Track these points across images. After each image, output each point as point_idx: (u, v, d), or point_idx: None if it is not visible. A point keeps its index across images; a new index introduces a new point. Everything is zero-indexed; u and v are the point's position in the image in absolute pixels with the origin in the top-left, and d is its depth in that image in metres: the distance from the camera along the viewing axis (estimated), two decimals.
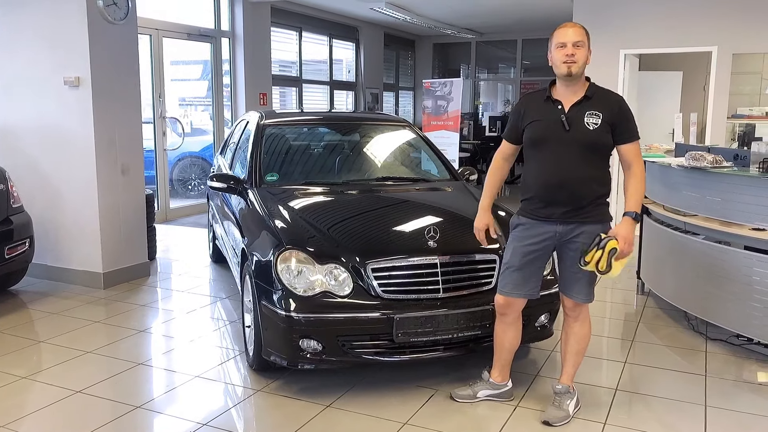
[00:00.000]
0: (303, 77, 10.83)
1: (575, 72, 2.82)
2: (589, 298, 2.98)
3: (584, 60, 2.83)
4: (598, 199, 2.86)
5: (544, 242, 2.94)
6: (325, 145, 4.82)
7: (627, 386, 3.41)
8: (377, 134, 4.94)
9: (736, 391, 3.39)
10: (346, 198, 3.98)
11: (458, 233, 3.54)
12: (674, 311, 4.57)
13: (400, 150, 4.90)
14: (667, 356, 3.86)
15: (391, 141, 4.91)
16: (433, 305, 3.18)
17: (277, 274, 3.18)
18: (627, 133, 2.83)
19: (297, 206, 3.76)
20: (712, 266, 3.95)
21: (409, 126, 4.95)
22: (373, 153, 4.76)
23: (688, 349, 3.95)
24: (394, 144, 4.90)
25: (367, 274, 3.17)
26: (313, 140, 4.85)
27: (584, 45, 2.82)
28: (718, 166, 3.82)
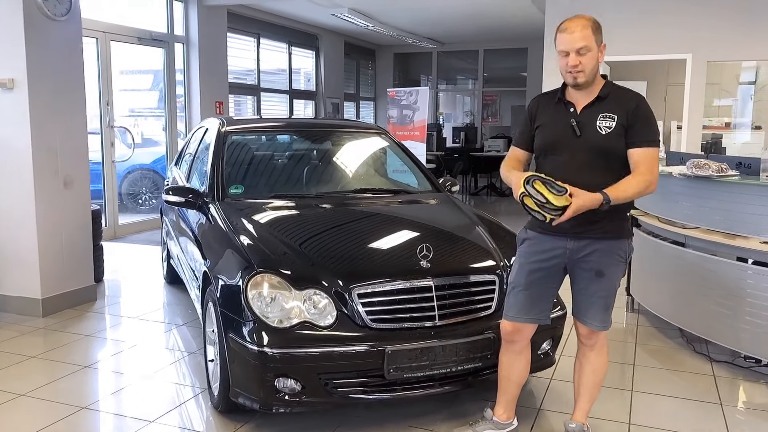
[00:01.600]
0: (261, 86, 10.35)
1: (582, 82, 2.48)
2: (606, 324, 2.62)
3: (594, 65, 2.48)
4: (614, 212, 2.50)
5: (554, 259, 2.59)
6: (295, 154, 4.38)
7: (641, 419, 3.07)
8: (351, 142, 4.53)
9: (757, 421, 3.09)
10: (323, 212, 3.55)
11: (452, 251, 3.15)
12: (669, 329, 4.29)
13: (376, 159, 4.50)
14: (674, 382, 3.54)
15: (366, 150, 4.51)
16: (428, 335, 2.78)
17: (248, 302, 2.73)
18: (641, 135, 2.45)
19: (267, 222, 3.32)
20: (709, 281, 3.68)
21: (385, 133, 4.56)
22: (347, 163, 4.34)
23: (694, 374, 3.65)
24: (369, 153, 4.50)
25: (353, 300, 2.75)
26: (281, 149, 4.41)
27: (591, 48, 2.46)
28: (725, 175, 3.54)
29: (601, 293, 2.56)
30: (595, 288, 2.55)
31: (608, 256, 2.52)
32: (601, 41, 2.51)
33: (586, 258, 2.53)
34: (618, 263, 2.55)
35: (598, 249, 2.51)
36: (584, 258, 2.54)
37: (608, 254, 2.52)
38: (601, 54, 2.50)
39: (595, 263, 2.53)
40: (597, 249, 2.51)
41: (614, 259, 2.53)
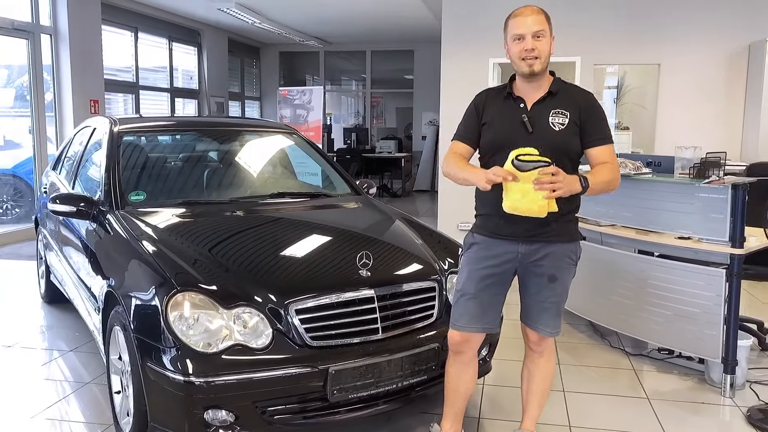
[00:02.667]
0: (140, 83, 9.63)
1: (539, 70, 2.39)
2: (557, 330, 2.55)
3: (548, 52, 2.40)
4: (566, 214, 2.42)
5: (505, 264, 2.48)
6: (200, 156, 4.00)
7: (580, 420, 3.05)
8: (261, 143, 4.21)
9: (684, 414, 3.16)
10: (241, 220, 3.23)
11: (389, 258, 2.96)
12: (580, 323, 4.37)
13: (289, 161, 4.22)
14: (600, 379, 3.58)
15: (278, 150, 4.21)
16: (372, 350, 2.57)
17: (168, 324, 2.39)
18: (598, 133, 2.41)
19: (180, 232, 2.96)
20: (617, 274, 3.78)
21: (296, 133, 4.29)
22: (259, 165, 4.03)
23: (616, 369, 3.71)
24: (282, 154, 4.21)
25: (290, 316, 2.48)
26: (185, 151, 4.01)
27: (546, 33, 2.39)
28: (640, 173, 3.63)
29: (554, 298, 2.48)
30: (548, 293, 2.47)
31: (560, 259, 2.44)
32: (552, 32, 2.42)
33: (539, 262, 2.44)
34: (570, 266, 2.48)
35: (550, 252, 2.43)
36: (536, 262, 2.45)
37: (560, 258, 2.44)
38: (551, 45, 2.41)
39: (547, 267, 2.44)
40: (549, 252, 2.43)
41: (566, 263, 2.46)
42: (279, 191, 3.68)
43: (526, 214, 2.30)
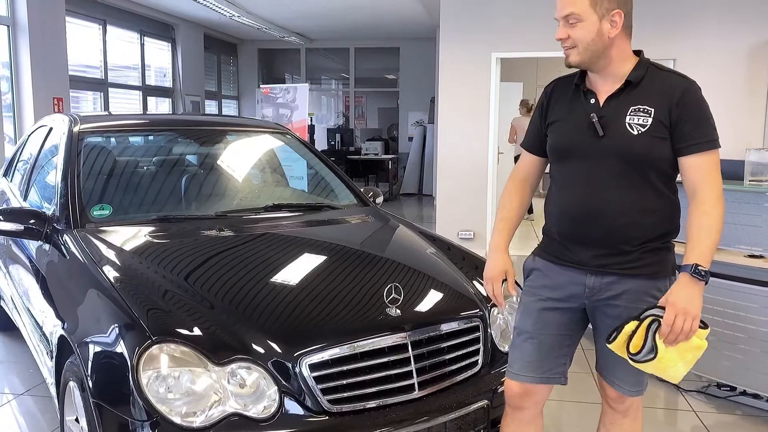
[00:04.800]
0: (109, 80, 8.90)
1: (576, 62, 1.83)
2: (640, 388, 1.98)
3: (591, 39, 1.79)
4: (651, 240, 1.85)
5: (570, 300, 1.92)
6: (177, 161, 3.36)
7: None
8: (250, 145, 3.58)
9: None
10: (231, 241, 2.60)
11: (421, 290, 2.37)
12: None
13: (285, 167, 3.61)
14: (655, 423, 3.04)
15: (270, 154, 3.60)
16: (409, 413, 1.99)
17: (140, 387, 1.78)
18: (694, 136, 1.79)
19: (156, 260, 2.34)
20: None
21: (291, 134, 3.67)
22: (248, 172, 3.40)
23: (674, 410, 3.18)
24: (274, 158, 3.59)
25: (302, 373, 1.89)
26: (159, 154, 3.37)
27: (584, 18, 1.78)
28: None
29: None
30: None
31: (641, 299, 1.86)
32: (610, 7, 1.80)
33: (611, 302, 1.88)
34: None
35: (627, 290, 1.86)
36: (608, 301, 1.88)
37: (641, 297, 1.86)
38: (612, 24, 1.81)
39: (623, 309, 1.87)
40: (627, 290, 1.86)
41: (649, 303, 1.86)
42: (274, 203, 3.05)
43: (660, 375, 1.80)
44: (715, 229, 1.76)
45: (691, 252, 1.76)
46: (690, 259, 1.74)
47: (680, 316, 1.70)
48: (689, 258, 1.75)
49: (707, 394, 3.28)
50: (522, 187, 2.05)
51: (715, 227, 1.76)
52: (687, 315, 1.70)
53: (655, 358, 1.73)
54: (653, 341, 1.73)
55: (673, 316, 1.70)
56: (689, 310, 1.70)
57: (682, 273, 1.74)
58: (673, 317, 1.70)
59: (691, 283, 1.72)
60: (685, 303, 1.70)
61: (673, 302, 1.71)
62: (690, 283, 1.72)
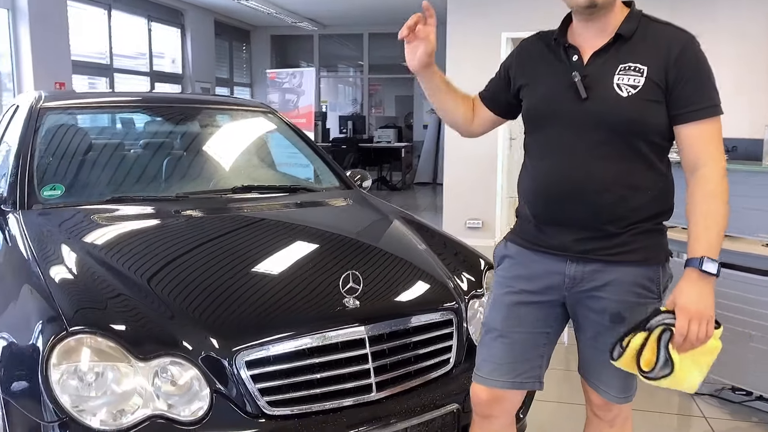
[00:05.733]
0: (115, 65, 8.76)
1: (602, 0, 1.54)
2: (627, 394, 1.70)
3: None
4: (642, 221, 1.58)
5: (547, 292, 1.66)
6: (146, 140, 3.15)
7: None
8: (227, 124, 3.35)
9: None
10: (187, 224, 2.37)
11: (388, 279, 2.12)
12: None
13: (262, 147, 3.37)
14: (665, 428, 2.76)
15: (248, 134, 3.36)
16: (363, 418, 1.75)
17: (49, 384, 1.56)
18: (694, 101, 1.51)
19: (96, 243, 2.12)
20: None
21: (272, 113, 3.44)
22: (222, 152, 3.16)
23: (684, 416, 2.89)
24: (252, 138, 3.35)
25: (238, 371, 1.66)
26: (122, 134, 3.16)
27: None
28: None
29: None
30: (611, 339, 1.59)
31: (629, 290, 1.59)
32: None
33: (595, 293, 1.61)
34: (645, 301, 1.60)
35: (614, 280, 1.59)
36: (592, 293, 1.61)
37: (630, 288, 1.59)
38: None
39: (609, 301, 1.60)
40: (613, 280, 1.59)
41: (639, 296, 1.60)
42: (245, 185, 2.82)
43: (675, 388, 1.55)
44: (723, 214, 1.50)
45: (696, 242, 1.49)
46: (696, 251, 1.48)
47: (694, 322, 1.45)
48: (695, 250, 1.48)
49: (720, 398, 2.99)
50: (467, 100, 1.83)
51: (722, 211, 1.50)
52: (701, 318, 1.45)
53: (671, 373, 1.48)
54: (667, 353, 1.48)
55: (686, 322, 1.45)
56: (703, 313, 1.45)
57: (689, 269, 1.48)
58: (686, 324, 1.45)
59: (701, 280, 1.47)
60: (698, 304, 1.45)
61: (684, 306, 1.46)
62: (700, 280, 1.47)
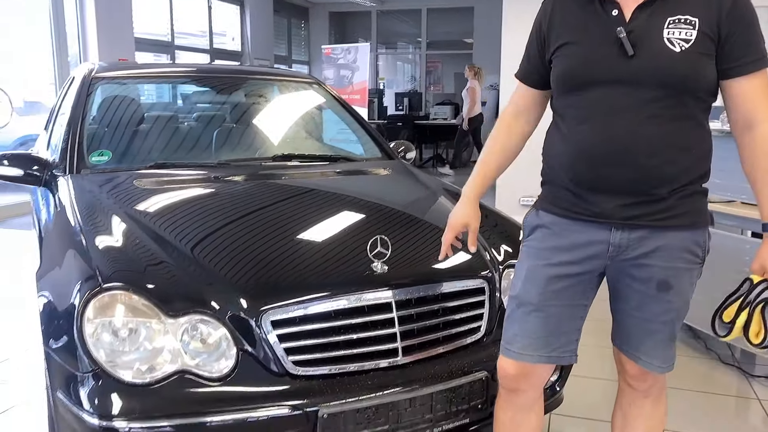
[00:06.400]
0: (176, 43, 8.98)
1: None
2: (669, 363, 1.64)
3: None
4: (690, 184, 1.50)
5: (587, 262, 1.59)
6: (194, 110, 3.22)
7: None
8: (273, 95, 3.39)
9: None
10: (228, 192, 2.42)
11: (419, 246, 2.10)
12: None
13: (306, 118, 3.38)
14: (713, 412, 2.64)
15: (293, 104, 3.38)
16: (387, 382, 1.74)
17: (84, 339, 1.62)
18: (748, 53, 1.44)
19: (136, 205, 2.18)
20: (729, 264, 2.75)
21: (318, 84, 3.45)
22: (266, 122, 3.19)
23: (732, 397, 2.77)
24: (297, 109, 3.37)
25: (264, 331, 1.68)
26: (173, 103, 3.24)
27: None
28: None
29: (666, 316, 1.57)
30: (657, 308, 1.56)
31: (678, 256, 1.53)
32: None
33: (642, 260, 1.54)
34: (692, 266, 1.55)
35: (662, 246, 1.52)
36: (638, 260, 1.54)
37: (678, 253, 1.52)
38: None
39: (657, 269, 1.53)
40: (661, 246, 1.52)
41: (687, 261, 1.54)
42: (286, 153, 2.84)
43: None
44: None
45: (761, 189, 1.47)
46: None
47: None
48: None
49: None
50: (509, 126, 1.72)
51: None
52: None
53: None
54: None
55: None
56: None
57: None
58: None
59: None
60: None
61: None
62: None
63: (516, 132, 1.73)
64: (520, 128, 1.73)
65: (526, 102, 1.71)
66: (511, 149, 1.74)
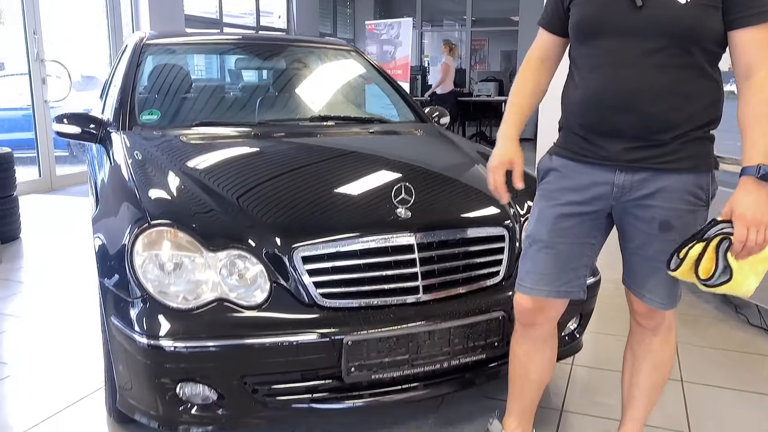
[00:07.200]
0: (224, 21, 9.21)
1: None
2: (671, 301, 1.72)
3: None
4: (693, 130, 1.57)
5: (594, 202, 1.68)
6: (237, 75, 3.39)
7: (703, 424, 2.23)
8: (312, 62, 3.53)
9: None
10: (266, 146, 2.58)
11: (443, 194, 2.22)
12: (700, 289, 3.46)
13: (344, 83, 3.51)
14: (735, 369, 2.69)
15: (331, 71, 3.52)
16: (408, 316, 1.88)
17: (134, 269, 1.80)
18: (750, 5, 1.49)
19: (183, 158, 2.36)
20: None
21: (356, 52, 3.57)
22: (305, 86, 3.35)
23: (753, 354, 2.80)
24: (335, 75, 3.51)
25: (295, 266, 1.83)
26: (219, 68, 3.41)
27: None
28: None
29: (667, 255, 1.66)
30: (659, 247, 1.64)
31: (680, 198, 1.60)
32: None
33: (645, 201, 1.63)
34: (694, 209, 1.62)
35: (664, 187, 1.60)
36: (641, 201, 1.63)
37: (680, 195, 1.60)
38: None
39: (658, 210, 1.62)
40: (663, 187, 1.60)
41: (688, 203, 1.61)
42: (320, 115, 2.98)
43: (731, 293, 1.57)
44: None
45: (752, 149, 1.48)
46: (753, 158, 1.47)
47: (753, 229, 1.45)
48: (751, 157, 1.47)
49: None
50: (538, 69, 1.80)
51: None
52: (760, 226, 1.45)
53: (730, 280, 1.50)
54: (725, 261, 1.50)
55: (744, 230, 1.45)
56: (761, 220, 1.45)
57: (745, 177, 1.47)
58: (745, 232, 1.45)
59: (758, 188, 1.46)
60: (755, 212, 1.45)
61: (741, 214, 1.46)
62: (757, 188, 1.46)
63: (543, 75, 1.81)
64: (546, 72, 1.81)
65: (548, 48, 1.79)
66: (540, 90, 1.81)
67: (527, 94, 1.80)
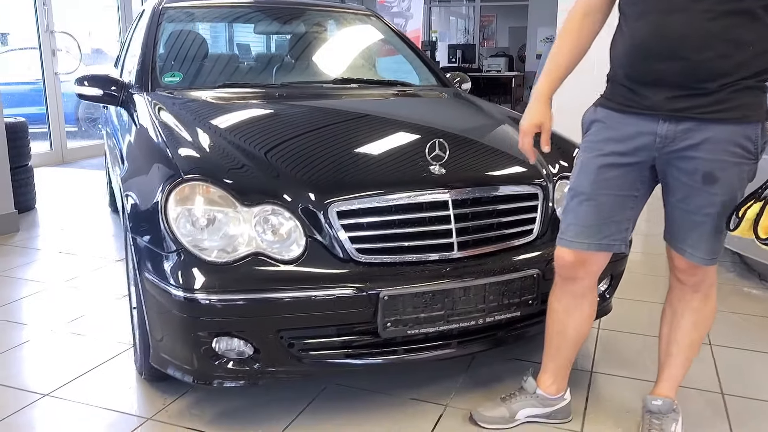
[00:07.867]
0: None
1: None
2: (712, 256, 1.69)
3: None
4: (743, 79, 1.52)
5: (637, 153, 1.65)
6: (257, 38, 3.34)
7: (734, 387, 2.22)
8: (332, 26, 3.48)
9: None
10: (292, 106, 2.55)
11: (476, 153, 2.19)
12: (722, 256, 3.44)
13: (365, 48, 3.47)
14: (758, 332, 2.68)
15: (351, 35, 3.47)
16: (443, 272, 1.86)
17: (168, 224, 1.79)
18: None
19: (210, 118, 2.33)
20: None
21: (376, 17, 3.52)
22: (326, 50, 3.30)
23: None
24: (356, 40, 3.46)
25: (331, 221, 1.81)
26: (239, 32, 3.36)
27: None
28: None
29: (710, 209, 1.62)
30: (701, 201, 1.62)
31: (725, 149, 1.57)
32: None
33: (688, 152, 1.59)
34: (740, 161, 1.59)
35: (709, 138, 1.57)
36: (685, 152, 1.60)
37: (725, 146, 1.57)
38: None
39: (702, 161, 1.59)
40: (708, 138, 1.57)
41: (734, 155, 1.58)
42: (343, 77, 2.95)
43: None
44: None
45: None
46: None
47: None
48: None
49: None
50: (580, 23, 1.75)
51: None
52: None
53: None
54: None
55: None
56: None
57: None
58: None
59: None
60: None
61: None
62: None
63: (585, 31, 1.76)
64: (589, 27, 1.75)
65: (595, 1, 1.74)
66: (581, 47, 1.77)
67: (565, 52, 1.76)
